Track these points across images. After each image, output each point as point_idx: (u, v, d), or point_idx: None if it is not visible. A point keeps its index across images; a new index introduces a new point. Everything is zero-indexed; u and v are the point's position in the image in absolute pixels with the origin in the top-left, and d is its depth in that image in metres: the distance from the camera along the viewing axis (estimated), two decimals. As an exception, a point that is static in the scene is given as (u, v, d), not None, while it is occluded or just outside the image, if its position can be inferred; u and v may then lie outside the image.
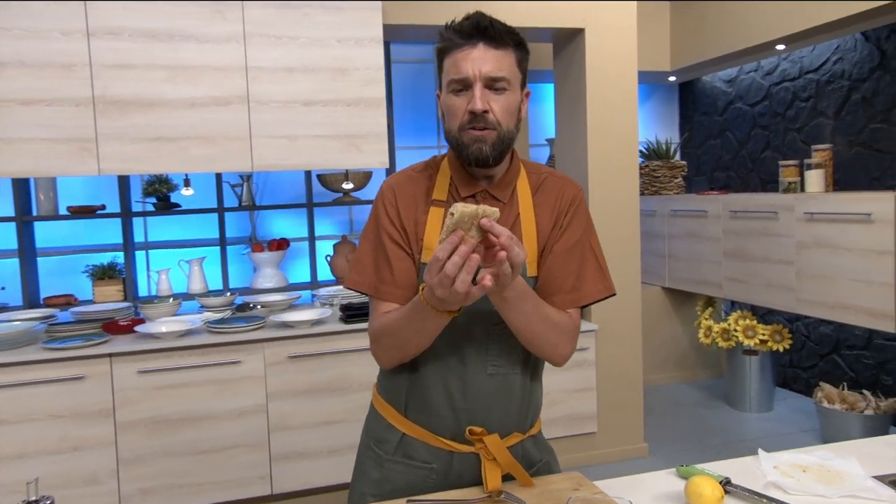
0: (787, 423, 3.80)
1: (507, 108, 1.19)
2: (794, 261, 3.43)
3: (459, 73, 1.17)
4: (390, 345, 1.23)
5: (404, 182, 1.30)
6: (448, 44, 1.20)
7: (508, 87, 1.18)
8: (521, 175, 1.31)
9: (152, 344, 2.63)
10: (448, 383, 1.25)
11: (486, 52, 1.17)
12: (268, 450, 2.78)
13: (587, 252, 1.29)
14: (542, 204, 1.29)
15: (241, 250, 3.74)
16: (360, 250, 1.31)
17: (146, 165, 2.67)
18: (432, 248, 1.23)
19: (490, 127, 1.17)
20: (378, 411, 1.36)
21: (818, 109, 3.92)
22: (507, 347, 1.25)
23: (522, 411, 1.31)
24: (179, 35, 2.67)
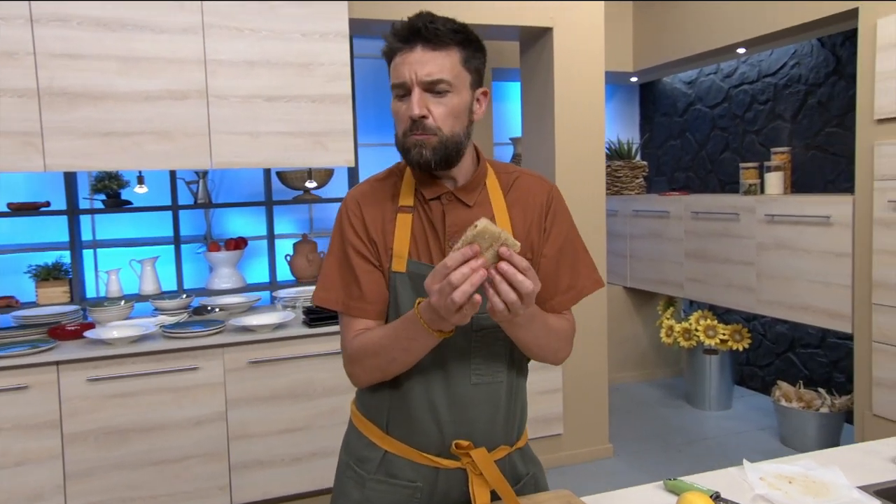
0: (746, 421, 3.87)
1: (450, 111, 1.14)
2: (754, 262, 3.48)
3: (398, 78, 1.14)
4: (373, 365, 1.18)
5: (368, 192, 1.26)
6: (389, 47, 1.16)
7: (450, 88, 1.14)
8: (490, 176, 1.26)
9: (103, 350, 2.49)
10: (431, 395, 1.20)
11: (424, 54, 1.12)
12: (227, 459, 2.67)
13: (577, 246, 1.29)
14: (515, 204, 1.25)
15: (195, 249, 3.59)
16: (327, 266, 1.26)
17: (97, 162, 2.52)
18: (402, 256, 1.19)
19: (429, 132, 1.13)
20: (358, 429, 1.30)
21: (776, 112, 4.00)
22: (490, 355, 1.21)
23: (509, 422, 1.26)
24: (133, 24, 2.52)
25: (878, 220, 2.80)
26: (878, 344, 2.83)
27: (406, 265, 1.19)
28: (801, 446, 3.42)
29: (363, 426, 1.28)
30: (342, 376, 2.80)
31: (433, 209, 1.21)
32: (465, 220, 1.19)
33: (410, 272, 1.18)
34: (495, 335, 1.20)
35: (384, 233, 1.21)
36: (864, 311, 2.91)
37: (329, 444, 2.78)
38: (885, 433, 2.83)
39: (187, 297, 3.11)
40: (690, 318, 4.02)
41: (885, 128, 2.78)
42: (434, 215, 1.21)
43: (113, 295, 3.20)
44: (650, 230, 4.27)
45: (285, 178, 3.50)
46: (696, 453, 3.47)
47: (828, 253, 3.08)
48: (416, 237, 1.20)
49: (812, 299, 3.18)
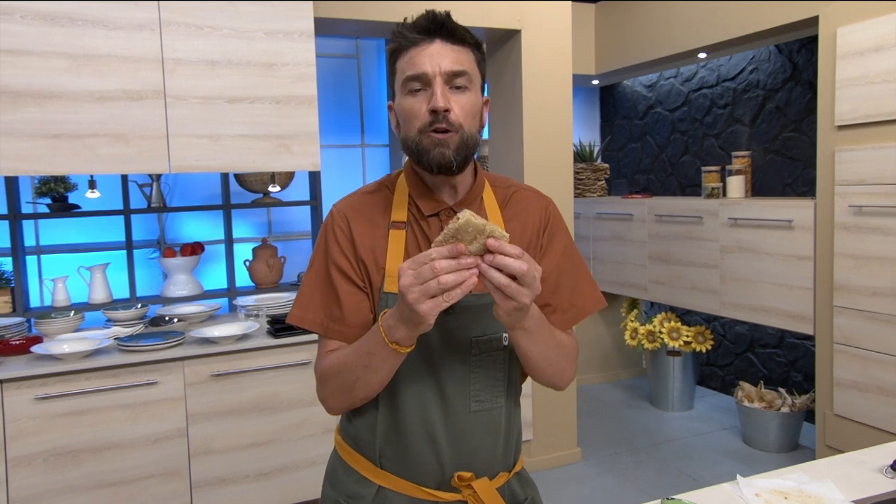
0: (709, 422, 3.93)
1: (470, 108, 1.09)
2: (718, 265, 3.52)
3: (417, 69, 1.07)
4: (336, 387, 1.11)
5: (357, 205, 1.18)
6: (402, 42, 1.10)
7: (470, 85, 1.09)
8: (487, 190, 1.21)
9: (52, 366, 2.33)
10: (430, 425, 1.12)
11: (445, 47, 1.08)
12: (188, 477, 2.54)
13: (575, 263, 1.23)
14: (512, 219, 1.19)
15: (147, 255, 3.43)
16: (306, 283, 1.18)
17: (45, 166, 2.36)
18: (395, 276, 1.11)
19: (452, 129, 1.07)
20: (346, 461, 1.21)
21: (735, 116, 4.06)
22: (489, 380, 1.15)
23: (508, 447, 1.21)
24: (83, 20, 2.37)
25: (839, 224, 2.86)
26: (839, 345, 2.90)
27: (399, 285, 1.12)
28: (764, 445, 3.48)
29: (352, 459, 1.20)
30: (309, 388, 2.72)
31: (430, 225, 1.15)
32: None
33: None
34: (494, 358, 1.15)
35: (374, 250, 1.14)
36: (825, 313, 2.97)
37: (296, 457, 2.69)
38: (846, 432, 2.90)
39: (143, 307, 2.96)
40: (654, 320, 4.06)
41: (845, 134, 2.84)
42: (431, 232, 1.14)
43: (60, 304, 3.02)
44: (614, 233, 4.29)
45: (243, 180, 3.37)
46: (663, 455, 3.49)
47: (790, 256, 3.14)
48: (410, 255, 1.12)
49: (775, 301, 3.23)
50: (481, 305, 1.13)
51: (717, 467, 3.33)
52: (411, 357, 1.08)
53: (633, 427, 3.90)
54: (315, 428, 2.70)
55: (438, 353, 1.12)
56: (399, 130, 1.14)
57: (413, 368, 1.11)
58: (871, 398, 2.77)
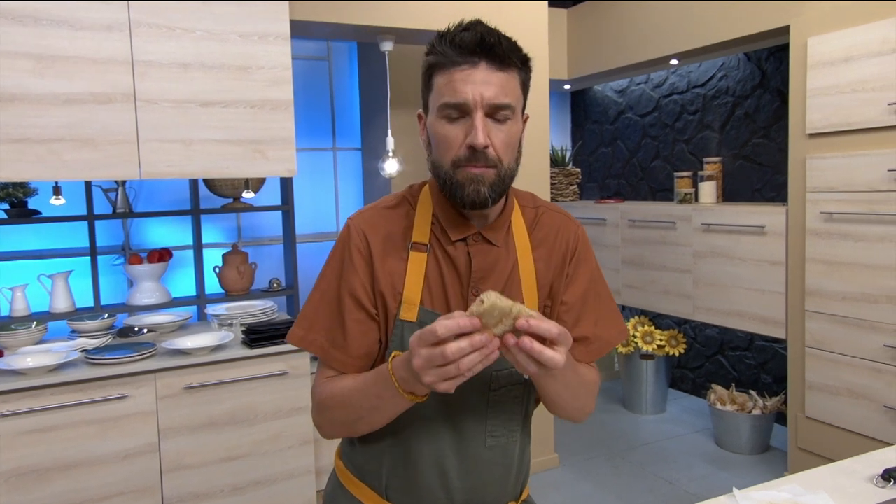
0: (682, 424, 3.97)
1: (510, 141, 1.02)
2: (691, 269, 3.56)
3: (457, 97, 0.98)
4: (338, 419, 1.06)
5: (377, 222, 1.10)
6: (442, 59, 1.00)
7: (512, 115, 1.01)
8: (515, 210, 1.15)
9: (15, 382, 2.23)
10: (442, 460, 1.07)
11: (490, 73, 0.98)
12: (160, 493, 2.45)
13: (601, 293, 1.18)
14: (540, 245, 1.13)
15: (111, 261, 3.31)
16: (311, 302, 1.11)
17: (7, 171, 2.25)
18: (414, 303, 1.05)
19: (490, 164, 1.00)
20: (347, 489, 1.16)
21: (705, 122, 4.12)
22: (507, 413, 1.10)
23: (518, 479, 1.17)
24: (48, 19, 2.26)
25: (810, 230, 2.91)
26: (811, 349, 2.95)
27: (417, 313, 1.05)
28: (736, 447, 3.53)
29: (354, 487, 1.15)
30: (287, 398, 2.66)
31: (457, 249, 1.07)
32: (492, 263, 1.07)
33: (422, 322, 1.04)
34: (513, 393, 1.10)
35: (393, 274, 1.06)
36: (797, 317, 3.03)
37: (273, 470, 2.62)
38: (818, 434, 2.96)
39: (110, 317, 2.85)
40: (628, 323, 4.09)
41: (816, 142, 2.89)
42: (457, 257, 1.07)
43: (19, 314, 2.88)
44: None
45: (213, 184, 3.28)
46: (639, 459, 3.51)
47: (762, 261, 3.19)
48: (430, 281, 1.06)
49: (747, 306, 3.28)
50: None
51: (691, 470, 3.37)
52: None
53: (608, 431, 3.92)
54: (292, 440, 2.64)
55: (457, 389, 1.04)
56: (429, 150, 1.06)
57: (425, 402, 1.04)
58: (842, 401, 2.83)
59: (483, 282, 1.06)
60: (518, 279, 1.10)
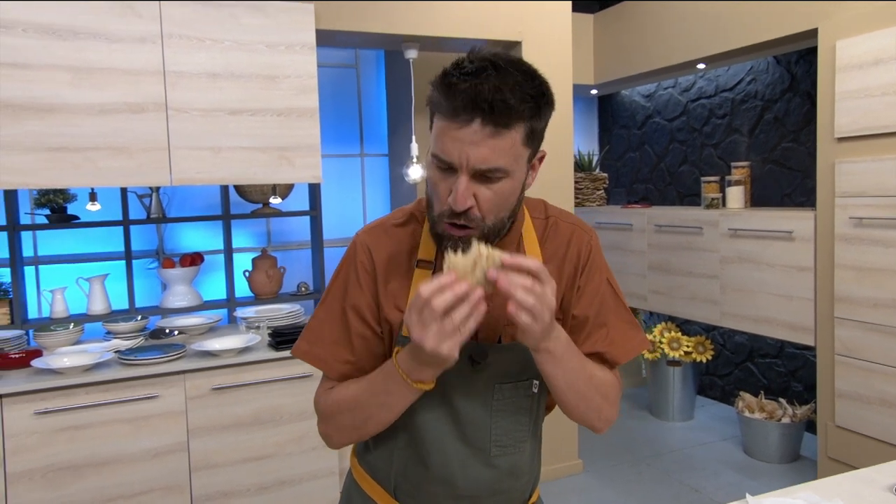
0: (709, 432, 3.93)
1: (500, 197, 0.97)
2: (718, 275, 3.53)
3: (444, 154, 0.94)
4: (347, 423, 1.07)
5: (383, 239, 1.10)
6: (438, 106, 0.95)
7: (505, 175, 0.96)
8: (526, 222, 1.12)
9: (52, 381, 2.32)
10: (449, 470, 1.09)
11: (483, 133, 0.91)
12: (189, 492, 2.52)
13: (615, 305, 1.14)
14: (552, 256, 1.11)
15: (146, 265, 3.41)
16: (317, 316, 1.13)
17: (45, 179, 2.35)
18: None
19: (472, 225, 0.97)
20: (362, 488, 1.19)
21: (733, 127, 4.08)
22: (512, 424, 1.10)
23: (528, 483, 1.18)
24: (85, 32, 2.36)
25: (839, 235, 2.86)
26: (840, 357, 2.90)
27: None
28: (765, 456, 3.48)
29: (368, 486, 1.18)
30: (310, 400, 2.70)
31: None
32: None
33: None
34: (518, 404, 1.10)
35: (396, 293, 1.07)
36: (826, 324, 2.98)
37: (297, 471, 2.67)
38: (848, 443, 2.90)
39: (142, 319, 2.94)
40: (654, 330, 4.06)
41: (845, 146, 2.85)
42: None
43: (58, 315, 3.00)
44: (613, 242, 4.29)
45: (243, 191, 3.36)
46: (664, 466, 3.48)
47: (790, 267, 3.14)
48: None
49: (775, 312, 3.23)
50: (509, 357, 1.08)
51: (718, 478, 3.33)
52: (432, 400, 1.05)
53: (633, 437, 3.89)
54: (316, 441, 2.69)
55: (459, 397, 1.07)
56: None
57: (432, 411, 1.07)
58: (873, 409, 2.77)
59: (490, 299, 1.00)
60: None
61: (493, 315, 1.02)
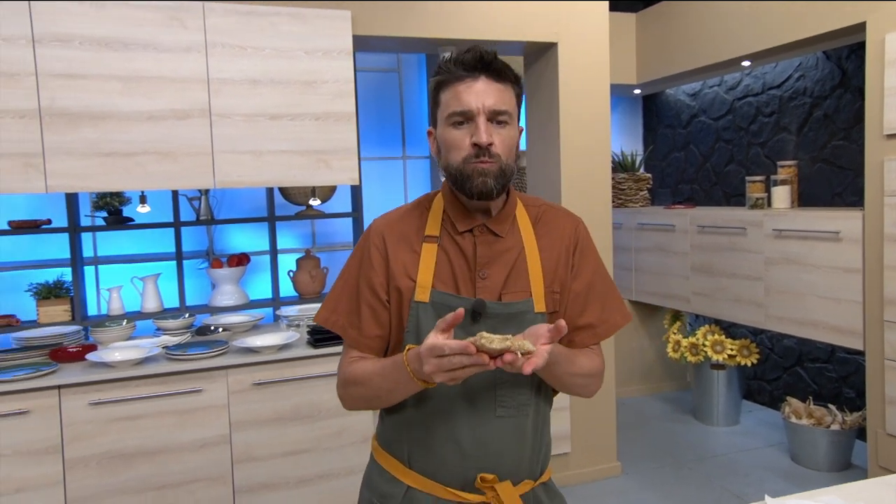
0: (755, 437, 3.83)
1: (509, 142, 1.18)
2: (762, 277, 3.44)
3: (462, 106, 1.15)
4: (358, 395, 1.23)
5: (395, 224, 1.27)
6: (447, 76, 1.17)
7: (510, 121, 1.18)
8: (519, 208, 1.29)
9: (105, 373, 2.45)
10: (454, 428, 1.19)
11: (489, 85, 1.16)
12: (231, 483, 2.62)
13: (605, 281, 1.31)
14: (544, 237, 1.27)
15: (197, 265, 3.55)
16: (336, 288, 1.30)
17: (98, 182, 2.49)
18: (426, 287, 1.20)
19: (493, 160, 1.16)
20: (379, 464, 1.28)
21: (781, 125, 3.97)
22: (516, 387, 1.21)
23: (534, 456, 1.25)
24: (135, 43, 2.50)
25: (888, 235, 2.76)
26: (891, 361, 2.80)
27: (430, 295, 1.19)
28: (813, 464, 3.37)
29: (385, 461, 1.27)
30: (347, 397, 2.78)
31: (465, 239, 1.22)
32: (497, 251, 1.22)
33: (434, 302, 1.19)
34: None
35: (406, 266, 1.22)
36: (875, 328, 2.87)
37: (335, 465, 2.74)
38: (899, 452, 2.80)
39: (190, 317, 3.07)
40: (697, 332, 3.98)
41: (894, 143, 2.75)
42: (465, 247, 1.22)
43: (115, 313, 3.16)
44: (656, 243, 4.24)
45: (288, 193, 3.47)
46: (706, 471, 3.42)
47: (837, 269, 3.05)
48: (440, 267, 1.21)
49: (822, 315, 3.14)
50: (507, 314, 1.19)
51: (762, 485, 3.25)
52: None
53: (675, 441, 3.83)
54: (354, 437, 2.76)
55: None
56: (440, 157, 1.22)
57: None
58: (925, 417, 2.66)
59: (488, 267, 1.21)
60: (524, 266, 1.23)
61: (493, 280, 1.20)
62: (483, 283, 1.20)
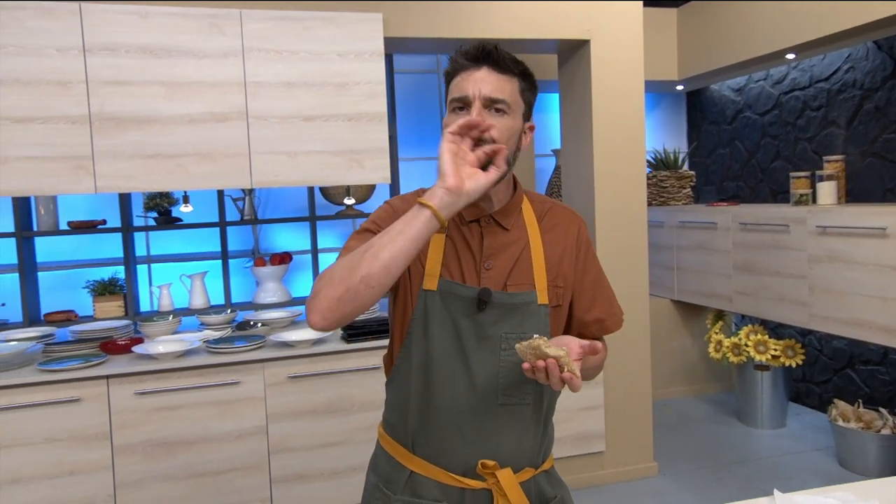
0: (801, 441, 3.71)
1: (506, 130, 1.19)
2: (806, 275, 3.34)
3: (460, 92, 1.19)
4: (337, 272, 1.06)
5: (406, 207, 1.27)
6: (454, 66, 1.23)
7: (508, 110, 1.19)
8: (525, 203, 1.32)
9: (150, 365, 2.58)
10: (458, 415, 1.21)
11: (489, 74, 1.19)
12: (268, 472, 2.72)
13: (605, 279, 1.37)
14: (549, 232, 1.30)
15: (243, 263, 3.69)
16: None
17: (143, 183, 2.63)
18: (434, 275, 1.22)
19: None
20: (385, 449, 1.32)
21: (829, 119, 3.84)
22: (518, 376, 1.22)
23: (535, 446, 1.27)
24: (177, 50, 2.62)
25: (938, 231, 2.65)
26: (941, 362, 2.68)
27: (437, 284, 1.22)
28: (862, 469, 3.25)
29: (390, 446, 1.30)
30: (378, 392, 2.83)
31: (471, 230, 1.26)
32: (502, 242, 1.25)
33: (441, 290, 1.22)
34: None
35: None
36: (924, 327, 2.76)
37: (367, 459, 2.79)
38: (950, 457, 2.67)
39: (232, 312, 3.19)
40: (740, 332, 3.89)
41: (944, 134, 2.63)
42: (472, 237, 1.25)
43: (164, 309, 3.32)
44: (697, 242, 4.15)
45: (328, 193, 3.57)
46: (747, 474, 3.34)
47: (885, 266, 2.93)
48: (447, 256, 1.24)
49: (869, 315, 3.02)
50: (511, 304, 1.22)
51: (805, 488, 3.14)
52: (445, 346, 1.20)
53: (717, 443, 3.75)
54: (385, 430, 2.81)
55: (471, 344, 1.21)
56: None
57: (445, 357, 1.21)
58: (977, 421, 2.54)
59: (493, 258, 1.24)
60: (528, 259, 1.26)
61: (498, 271, 1.23)
62: (488, 273, 1.23)
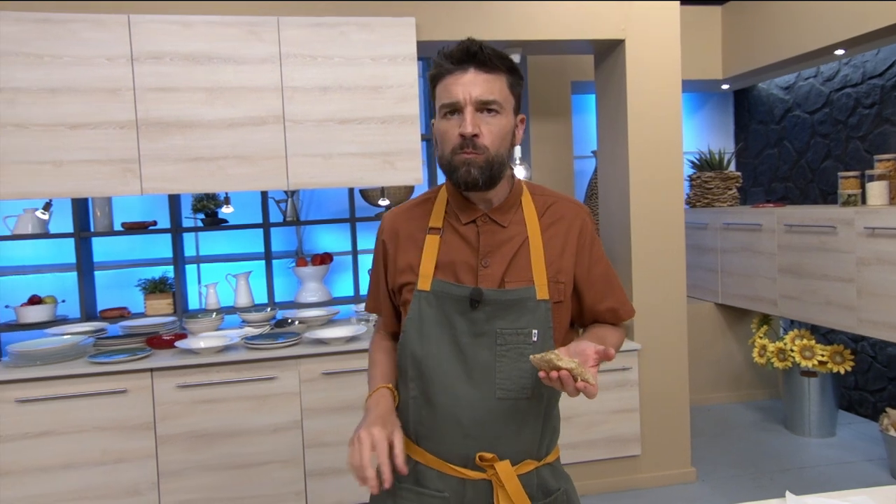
0: (851, 451, 3.57)
1: (499, 131, 1.20)
2: (854, 278, 3.22)
3: (450, 98, 1.19)
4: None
5: (405, 215, 1.36)
6: (439, 70, 1.22)
7: (500, 110, 1.20)
8: (526, 196, 1.32)
9: (191, 359, 2.69)
10: (457, 408, 1.24)
11: (477, 76, 1.18)
12: (303, 466, 2.79)
13: (614, 274, 1.38)
14: (551, 226, 1.30)
15: (287, 264, 3.80)
16: (370, 279, 1.46)
17: (186, 185, 2.74)
18: (428, 276, 1.27)
19: (479, 150, 1.19)
20: None
21: (883, 116, 3.69)
22: (515, 370, 1.24)
23: (535, 438, 1.28)
24: (218, 57, 2.73)
25: None
26: None
27: (431, 284, 1.25)
28: (913, 481, 3.11)
29: None
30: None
31: (468, 230, 1.28)
32: (500, 240, 1.26)
33: (435, 291, 1.25)
34: (520, 350, 1.23)
35: (410, 255, 1.30)
36: (979, 333, 2.62)
37: (399, 455, 2.84)
38: None
39: (271, 310, 3.29)
40: (785, 337, 3.77)
41: None
42: (468, 236, 1.27)
43: (211, 307, 3.45)
44: (742, 244, 4.05)
45: (367, 195, 3.64)
46: (790, 482, 3.23)
47: (937, 269, 2.80)
48: (442, 258, 1.27)
49: (920, 319, 2.90)
50: (506, 301, 1.23)
51: (852, 500, 3.02)
52: (441, 343, 1.24)
53: (760, 450, 3.64)
54: (417, 428, 2.85)
55: (467, 340, 1.24)
56: (437, 148, 1.27)
57: (442, 354, 1.24)
58: None
59: (490, 256, 1.26)
60: (527, 254, 1.27)
61: (495, 269, 1.25)
62: (485, 271, 1.25)
